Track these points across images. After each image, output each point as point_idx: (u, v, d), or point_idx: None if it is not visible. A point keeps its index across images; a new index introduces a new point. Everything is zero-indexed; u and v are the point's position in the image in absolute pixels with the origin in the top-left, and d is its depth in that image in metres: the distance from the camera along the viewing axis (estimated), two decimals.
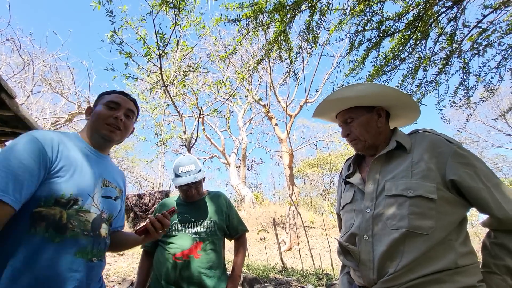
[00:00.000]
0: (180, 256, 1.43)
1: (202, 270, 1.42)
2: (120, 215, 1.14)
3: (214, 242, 1.52)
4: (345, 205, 1.04)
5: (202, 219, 1.54)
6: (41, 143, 0.82)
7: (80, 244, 0.85)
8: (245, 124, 15.30)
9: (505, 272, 0.78)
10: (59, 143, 0.87)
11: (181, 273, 1.40)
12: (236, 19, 2.48)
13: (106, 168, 1.03)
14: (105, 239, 0.96)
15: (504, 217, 0.77)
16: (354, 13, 2.52)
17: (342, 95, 1.01)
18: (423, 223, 0.79)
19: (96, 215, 0.92)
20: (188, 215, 1.55)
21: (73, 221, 0.83)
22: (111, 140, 1.02)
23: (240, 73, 5.61)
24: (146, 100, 8.45)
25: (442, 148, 0.86)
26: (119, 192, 1.07)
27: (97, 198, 0.93)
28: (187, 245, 1.46)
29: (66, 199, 0.83)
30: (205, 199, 1.63)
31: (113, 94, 1.06)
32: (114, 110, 1.02)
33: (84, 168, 0.91)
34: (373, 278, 0.84)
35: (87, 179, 0.90)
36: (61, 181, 0.83)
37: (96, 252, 0.90)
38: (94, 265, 0.89)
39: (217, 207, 1.62)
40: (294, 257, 8.72)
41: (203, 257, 1.45)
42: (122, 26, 3.58)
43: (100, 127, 0.99)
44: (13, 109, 2.54)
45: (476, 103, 2.98)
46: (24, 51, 7.92)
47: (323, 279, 4.03)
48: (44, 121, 8.54)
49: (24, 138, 0.80)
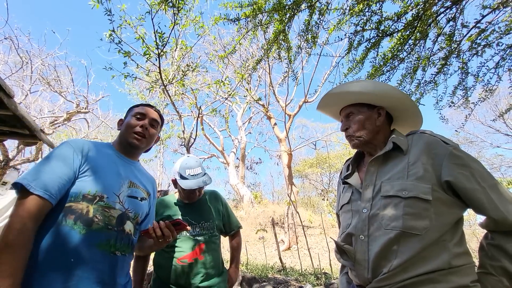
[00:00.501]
0: (185, 259, 1.45)
1: (207, 270, 1.46)
2: (149, 218, 1.21)
3: (214, 242, 1.56)
4: (343, 205, 1.05)
5: (202, 221, 1.55)
6: (74, 149, 0.97)
7: (104, 237, 0.94)
8: (244, 123, 15.31)
9: (501, 273, 0.78)
10: (88, 149, 1.02)
11: (188, 275, 1.43)
12: (235, 18, 2.48)
13: (133, 172, 1.14)
14: (129, 235, 1.04)
15: (500, 218, 0.77)
16: (353, 13, 2.52)
17: (345, 89, 1.03)
18: (417, 223, 0.80)
19: (121, 212, 1.01)
20: (188, 217, 1.54)
21: (98, 216, 0.94)
22: (138, 147, 1.14)
23: (239, 73, 5.61)
24: (145, 100, 8.43)
25: (438, 149, 0.86)
26: (146, 194, 1.16)
27: (123, 197, 1.03)
28: (190, 248, 1.47)
29: (92, 195, 0.94)
30: (203, 200, 1.63)
31: (140, 106, 1.21)
32: (140, 120, 1.15)
33: (110, 170, 1.03)
34: (368, 277, 0.86)
35: (112, 179, 1.02)
36: (88, 179, 0.96)
37: (119, 246, 0.98)
38: (117, 258, 0.97)
39: (215, 207, 1.63)
40: (292, 257, 8.73)
41: (207, 258, 1.49)
42: (120, 25, 3.57)
43: (128, 136, 1.13)
44: (11, 108, 2.53)
45: (474, 103, 2.99)
46: (22, 50, 7.86)
47: (322, 279, 4.04)
48: (43, 120, 8.51)
49: (61, 146, 0.98)
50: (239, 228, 1.72)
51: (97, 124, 11.65)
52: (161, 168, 12.07)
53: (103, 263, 0.93)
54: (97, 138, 11.89)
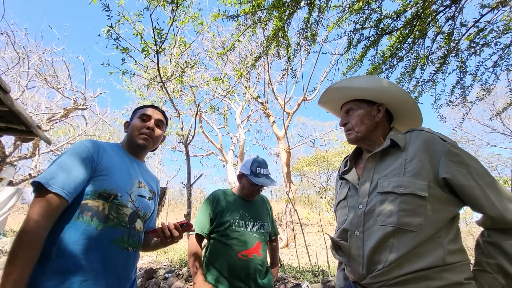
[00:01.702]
0: (246, 254, 1.52)
1: (259, 267, 1.54)
2: (153, 216, 1.26)
3: (266, 244, 1.67)
4: (340, 201, 1.06)
5: (258, 220, 1.64)
6: (89, 149, 1.00)
7: (118, 233, 0.99)
8: (243, 121, 15.27)
9: (497, 270, 0.78)
10: (103, 149, 1.06)
11: (247, 269, 1.50)
12: (234, 15, 2.46)
13: (141, 172, 1.19)
14: (140, 232, 1.10)
15: (497, 216, 0.77)
16: (353, 10, 2.51)
17: (347, 84, 1.04)
18: (412, 220, 0.80)
19: (133, 210, 1.07)
20: (247, 214, 1.62)
21: (113, 213, 0.99)
22: (145, 147, 1.19)
23: (238, 70, 5.58)
24: (143, 97, 8.38)
25: (436, 146, 0.86)
26: (152, 193, 1.21)
27: (134, 196, 1.08)
28: (250, 244, 1.54)
29: (107, 193, 0.99)
30: (259, 200, 1.74)
31: (145, 107, 1.25)
32: (145, 122, 1.20)
33: (123, 170, 1.08)
34: (363, 273, 0.86)
35: (125, 179, 1.07)
36: (104, 179, 1.00)
37: (131, 242, 1.04)
38: (130, 254, 1.03)
39: (266, 210, 1.74)
40: (290, 254, 8.78)
41: (262, 256, 1.58)
42: (118, 21, 3.53)
43: (135, 137, 1.18)
44: (7, 104, 2.50)
45: (472, 102, 3.00)
46: (18, 45, 7.78)
47: (319, 276, 4.06)
48: (40, 116, 8.44)
49: (76, 145, 1.01)
50: (277, 235, 1.86)
51: (95, 121, 11.58)
52: (160, 166, 12.04)
53: (118, 258, 0.98)
54: (95, 135, 11.83)
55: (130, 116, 1.29)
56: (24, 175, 8.97)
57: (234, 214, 1.57)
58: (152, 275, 4.07)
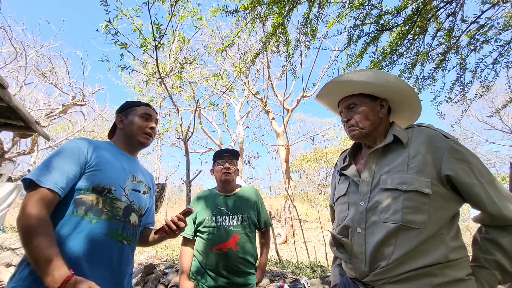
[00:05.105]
0: (220, 247, 1.56)
1: (239, 260, 1.56)
2: (150, 211, 1.27)
3: (248, 235, 1.65)
4: (339, 197, 1.04)
5: (237, 213, 1.66)
6: (79, 146, 1.02)
7: (113, 226, 1.00)
8: (242, 117, 15.23)
9: (494, 266, 0.79)
10: (94, 146, 1.07)
11: (222, 262, 1.54)
12: (233, 10, 2.44)
13: (135, 168, 1.21)
14: (134, 226, 1.11)
15: (496, 213, 0.78)
16: (353, 6, 2.50)
17: (349, 78, 0.99)
18: (416, 217, 0.80)
19: (127, 204, 1.08)
20: (224, 208, 1.67)
21: (107, 207, 1.01)
22: (146, 145, 1.24)
23: (237, 66, 5.56)
24: (142, 93, 8.34)
25: (439, 143, 0.86)
26: (147, 188, 1.23)
27: (128, 190, 1.10)
28: (225, 237, 1.57)
29: (101, 187, 1.00)
30: (240, 193, 1.76)
31: (142, 106, 1.26)
32: (147, 121, 1.23)
33: (116, 165, 1.09)
34: (365, 270, 0.85)
35: (118, 173, 1.08)
36: (97, 173, 1.01)
37: (126, 235, 1.05)
38: (124, 247, 1.04)
39: (251, 202, 1.74)
40: (289, 250, 8.84)
41: (240, 249, 1.58)
42: (117, 16, 3.49)
43: (138, 135, 1.20)
44: (5, 100, 2.49)
45: (471, 99, 3.00)
46: (16, 40, 7.71)
47: (318, 271, 4.10)
48: (38, 112, 8.40)
49: (67, 143, 1.02)
50: (269, 226, 1.86)
51: (94, 117, 11.54)
52: (159, 162, 12.02)
53: (112, 251, 0.99)
54: (93, 131, 11.80)
55: (121, 111, 1.27)
56: (23, 171, 8.96)
57: (208, 211, 1.66)
58: (152, 271, 4.09)
